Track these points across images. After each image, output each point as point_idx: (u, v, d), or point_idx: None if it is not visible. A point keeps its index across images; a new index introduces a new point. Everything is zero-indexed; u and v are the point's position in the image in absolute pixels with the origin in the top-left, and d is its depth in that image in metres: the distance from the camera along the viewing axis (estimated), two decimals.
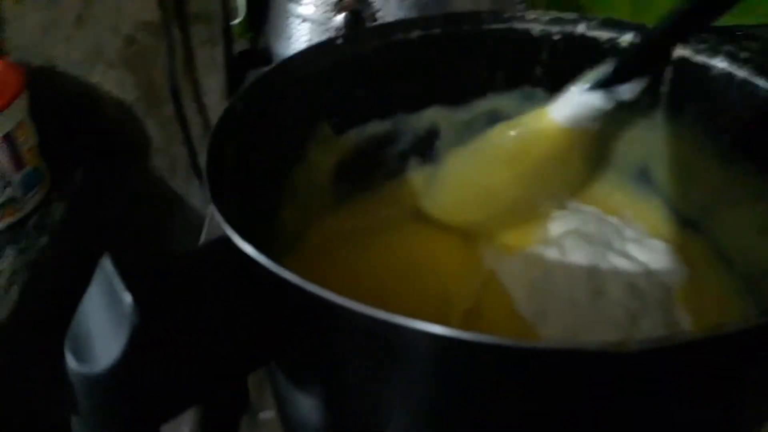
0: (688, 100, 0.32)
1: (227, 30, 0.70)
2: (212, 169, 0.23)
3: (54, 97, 0.72)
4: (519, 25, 0.35)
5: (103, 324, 0.19)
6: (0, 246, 0.61)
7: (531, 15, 0.35)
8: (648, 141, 0.35)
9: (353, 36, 0.33)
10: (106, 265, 0.19)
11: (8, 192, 0.62)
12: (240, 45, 0.72)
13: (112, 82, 0.73)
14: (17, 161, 0.62)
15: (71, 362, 0.19)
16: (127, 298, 0.18)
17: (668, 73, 0.32)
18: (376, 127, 0.36)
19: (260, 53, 0.62)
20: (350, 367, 0.23)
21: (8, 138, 0.60)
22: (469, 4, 0.46)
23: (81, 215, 0.67)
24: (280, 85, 0.31)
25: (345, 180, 0.36)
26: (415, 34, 0.34)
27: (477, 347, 0.17)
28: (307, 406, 0.25)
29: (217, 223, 0.21)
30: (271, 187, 0.31)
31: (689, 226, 0.34)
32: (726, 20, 0.65)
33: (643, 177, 0.36)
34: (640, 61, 0.30)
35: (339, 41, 0.33)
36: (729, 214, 0.31)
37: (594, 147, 0.35)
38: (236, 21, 0.70)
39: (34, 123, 0.65)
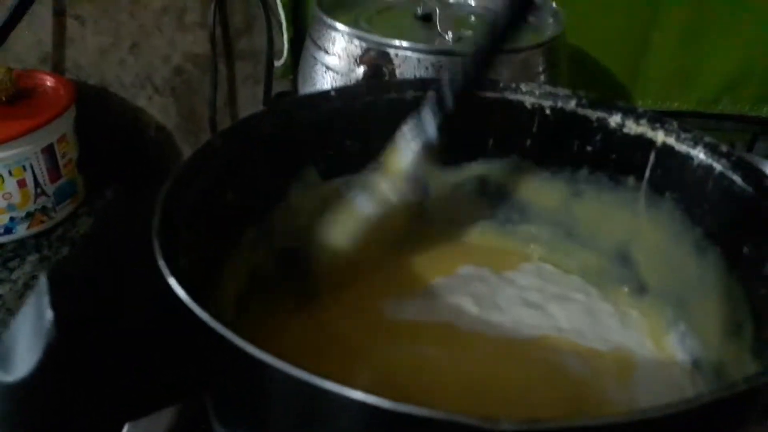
0: (670, 187, 0.32)
1: (269, 70, 0.73)
2: (169, 201, 0.24)
3: (101, 115, 0.76)
4: (512, 96, 0.35)
5: (27, 337, 0.20)
6: (25, 252, 0.64)
7: (524, 87, 0.35)
8: (630, 224, 0.34)
9: (347, 90, 0.34)
10: (42, 281, 0.21)
11: (41, 201, 0.65)
12: (280, 85, 0.75)
13: (157, 107, 0.77)
14: (54, 172, 0.66)
15: None
16: (49, 314, 0.19)
17: (652, 158, 0.32)
18: (363, 178, 0.37)
19: (296, 95, 0.65)
20: (273, 420, 0.23)
21: (49, 149, 0.64)
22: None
23: (105, 231, 0.70)
24: (269, 126, 0.32)
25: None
26: (409, 94, 0.35)
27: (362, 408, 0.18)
28: None
29: None
30: (245, 224, 0.32)
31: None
32: (766, 111, 0.66)
33: (622, 260, 0.35)
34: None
35: (332, 93, 0.34)
36: (700, 308, 0.30)
37: None
38: (279, 63, 0.73)
39: (78, 138, 0.69)
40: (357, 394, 0.18)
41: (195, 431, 0.34)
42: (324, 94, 0.34)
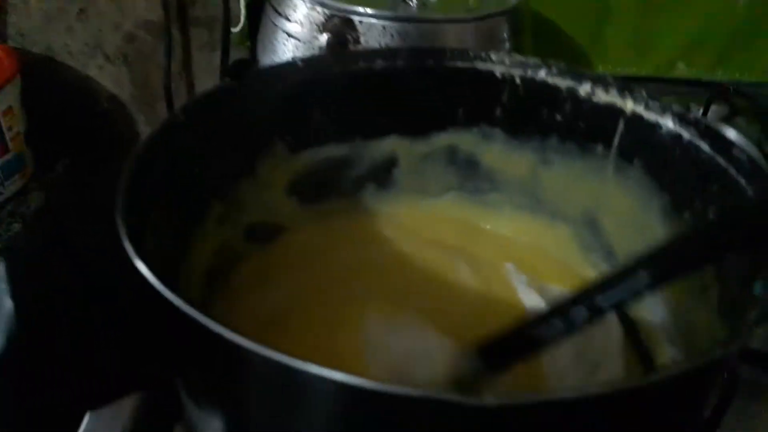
0: (638, 154, 0.33)
1: (226, 37, 0.71)
2: (132, 180, 0.23)
3: (49, 86, 0.73)
4: (482, 66, 0.35)
5: None
6: None
7: (494, 56, 0.35)
8: (598, 191, 0.35)
9: (314, 59, 0.34)
10: (0, 269, 0.20)
11: None
12: (238, 53, 0.73)
13: (108, 76, 0.74)
14: (1, 146, 0.62)
15: None
16: (8, 303, 0.18)
17: (620, 127, 0.33)
18: (333, 151, 0.36)
19: (255, 63, 0.63)
20: (250, 401, 0.23)
21: None
22: (452, 40, 0.47)
23: (58, 206, 0.67)
24: (235, 98, 0.31)
25: (298, 199, 0.36)
26: (378, 64, 0.34)
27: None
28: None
29: None
30: (211, 199, 0.32)
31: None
32: (720, 75, 0.68)
33: (590, 226, 0.36)
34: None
35: (300, 63, 0.33)
36: None
37: None
38: (236, 29, 0.70)
39: (25, 110, 0.66)
40: (336, 375, 0.18)
41: (158, 419, 0.34)
42: (290, 65, 0.33)
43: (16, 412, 0.21)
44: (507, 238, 0.38)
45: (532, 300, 0.34)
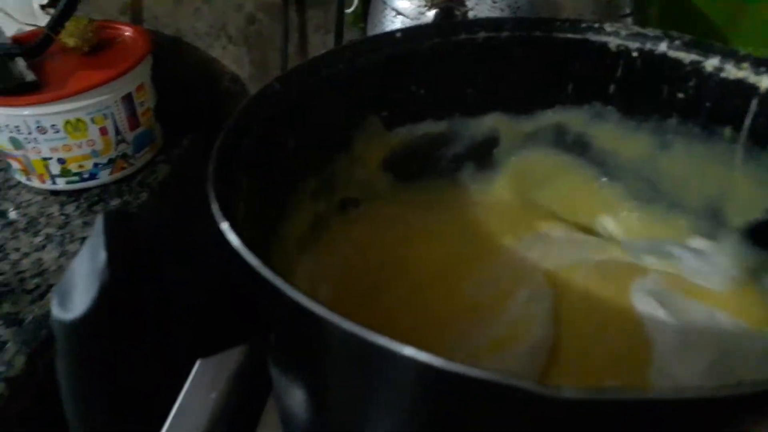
0: None
1: (340, 18, 0.71)
2: (226, 146, 0.24)
3: (177, 65, 0.77)
4: (595, 37, 0.32)
5: (85, 277, 0.20)
6: (108, 197, 0.67)
7: (609, 27, 0.32)
8: (724, 180, 0.31)
9: (413, 31, 0.32)
10: (99, 222, 0.21)
11: (122, 148, 0.67)
12: (351, 34, 0.73)
13: (231, 57, 0.77)
14: (133, 120, 0.67)
15: (54, 308, 0.21)
16: (102, 255, 0.19)
17: (753, 107, 0.29)
18: (430, 127, 0.35)
19: None
20: (332, 373, 0.22)
21: (128, 98, 0.66)
22: (569, 15, 0.44)
23: (182, 179, 0.72)
24: (330, 71, 0.31)
25: (392, 175, 0.36)
26: (481, 35, 0.33)
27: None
28: (293, 397, 0.25)
29: None
30: (306, 173, 0.32)
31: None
32: None
33: (713, 217, 0.32)
34: None
35: (398, 35, 0.32)
36: None
37: None
38: (349, 10, 0.71)
39: (155, 88, 0.70)
40: (408, 350, 0.17)
41: (260, 373, 0.35)
42: (388, 36, 0.32)
43: (120, 360, 0.22)
44: None
45: (644, 302, 0.31)
